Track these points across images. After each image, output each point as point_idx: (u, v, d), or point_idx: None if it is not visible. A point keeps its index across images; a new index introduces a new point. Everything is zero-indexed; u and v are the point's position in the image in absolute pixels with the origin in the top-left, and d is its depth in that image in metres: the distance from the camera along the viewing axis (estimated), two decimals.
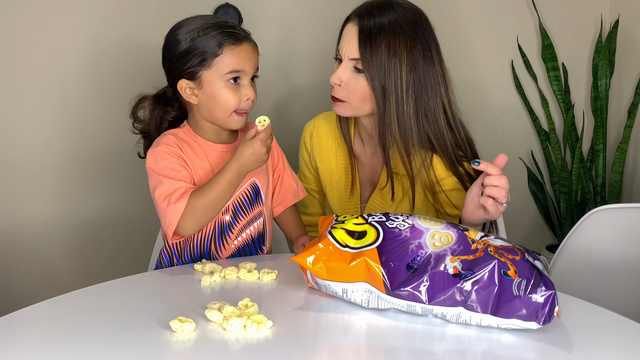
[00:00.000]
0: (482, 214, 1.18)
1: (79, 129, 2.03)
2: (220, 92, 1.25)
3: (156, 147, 1.26)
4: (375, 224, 1.00)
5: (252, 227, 1.34)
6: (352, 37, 1.29)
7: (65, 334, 0.89)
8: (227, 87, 1.25)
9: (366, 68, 1.28)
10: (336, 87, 1.33)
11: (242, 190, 1.30)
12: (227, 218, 1.30)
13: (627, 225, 1.31)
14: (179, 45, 1.25)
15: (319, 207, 1.57)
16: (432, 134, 1.32)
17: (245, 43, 1.26)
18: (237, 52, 1.24)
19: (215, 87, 1.25)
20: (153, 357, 0.83)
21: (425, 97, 1.31)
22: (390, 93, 1.28)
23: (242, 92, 1.26)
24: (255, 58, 1.28)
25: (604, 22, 2.31)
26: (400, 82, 1.28)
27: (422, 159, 1.33)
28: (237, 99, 1.25)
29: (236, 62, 1.24)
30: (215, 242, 1.30)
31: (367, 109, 1.33)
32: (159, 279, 1.16)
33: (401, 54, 1.27)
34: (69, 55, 1.97)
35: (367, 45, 1.27)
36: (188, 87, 1.26)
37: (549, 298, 0.89)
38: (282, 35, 2.13)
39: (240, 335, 0.89)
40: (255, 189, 1.33)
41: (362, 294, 0.96)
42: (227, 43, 1.24)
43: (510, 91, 2.35)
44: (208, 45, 1.24)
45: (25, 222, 2.03)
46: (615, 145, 2.28)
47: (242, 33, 1.28)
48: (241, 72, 1.25)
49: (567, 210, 2.27)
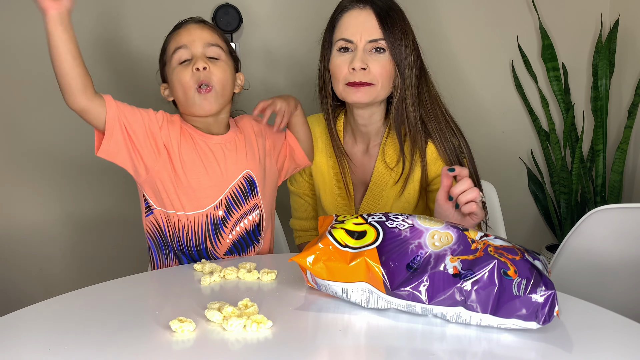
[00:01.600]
0: (470, 220, 1.20)
1: (78, 129, 2.03)
2: (175, 76, 1.27)
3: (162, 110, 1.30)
4: (375, 224, 1.00)
5: (247, 219, 1.32)
6: (367, 20, 1.32)
7: (65, 334, 0.89)
8: (178, 68, 1.27)
9: (390, 46, 1.32)
10: (360, 73, 1.32)
11: (235, 182, 1.29)
12: (220, 213, 1.28)
13: (627, 225, 1.31)
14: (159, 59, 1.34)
15: (311, 211, 1.57)
16: (431, 118, 1.36)
17: (185, 24, 1.30)
18: (178, 34, 1.29)
19: (172, 75, 1.28)
20: (153, 357, 0.83)
21: (426, 79, 1.38)
22: (406, 71, 1.34)
23: (193, 66, 1.26)
24: (197, 33, 1.29)
25: (604, 22, 2.31)
26: (412, 60, 1.35)
27: (421, 145, 1.37)
28: (189, 74, 1.25)
29: (176, 42, 1.28)
30: (210, 238, 1.29)
31: (387, 91, 1.36)
32: (159, 279, 1.16)
33: (409, 34, 1.35)
34: None
35: (388, 24, 1.32)
36: (165, 88, 1.32)
37: (548, 298, 0.89)
38: (283, 35, 2.13)
39: (240, 335, 0.89)
40: (249, 181, 1.31)
41: (362, 294, 0.96)
42: (173, 32, 1.30)
43: (510, 91, 2.35)
44: (164, 45, 1.32)
45: (24, 222, 2.03)
46: (615, 145, 2.28)
47: (192, 20, 1.32)
48: (182, 47, 1.27)
49: (567, 210, 2.27)
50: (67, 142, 2.03)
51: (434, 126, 1.37)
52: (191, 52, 1.27)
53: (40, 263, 2.06)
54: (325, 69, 1.39)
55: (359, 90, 1.33)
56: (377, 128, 1.42)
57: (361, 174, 1.46)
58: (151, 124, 1.24)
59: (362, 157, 1.46)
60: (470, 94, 2.30)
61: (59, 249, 2.07)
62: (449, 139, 1.37)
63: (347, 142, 1.47)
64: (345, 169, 1.45)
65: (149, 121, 1.24)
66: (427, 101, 1.37)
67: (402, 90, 1.34)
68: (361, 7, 1.33)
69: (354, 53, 1.33)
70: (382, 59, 1.32)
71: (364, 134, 1.44)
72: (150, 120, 1.25)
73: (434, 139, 1.37)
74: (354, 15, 1.33)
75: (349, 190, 1.45)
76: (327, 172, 1.47)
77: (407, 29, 1.35)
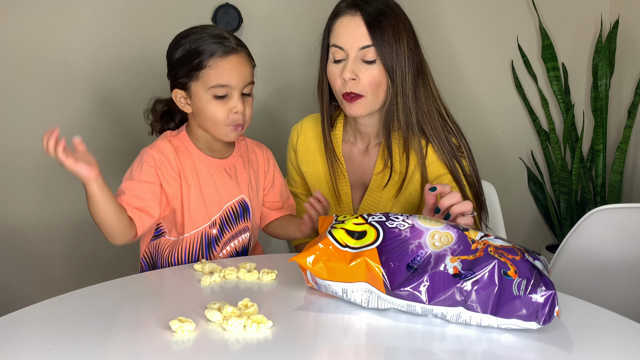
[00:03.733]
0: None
1: (78, 129, 2.03)
2: (207, 105, 1.22)
3: (148, 151, 1.26)
4: (375, 224, 1.00)
5: (237, 240, 1.35)
6: (357, 27, 1.29)
7: (65, 334, 0.89)
8: (214, 100, 1.22)
9: (379, 52, 1.29)
10: (350, 83, 1.31)
11: (230, 205, 1.31)
12: (214, 232, 1.30)
13: (627, 225, 1.31)
14: (173, 55, 1.25)
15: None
16: (428, 120, 1.35)
17: (233, 55, 1.22)
18: (223, 66, 1.21)
19: (202, 99, 1.23)
20: (153, 357, 0.83)
21: (424, 80, 1.35)
22: (398, 77, 1.31)
23: (230, 105, 1.22)
24: (244, 71, 1.23)
25: (604, 22, 2.31)
26: (407, 64, 1.31)
27: (418, 147, 1.35)
28: (225, 113, 1.22)
29: (220, 76, 1.21)
30: (202, 254, 1.31)
31: (380, 101, 1.34)
32: (159, 279, 1.16)
33: (403, 37, 1.31)
34: (69, 55, 1.97)
35: (377, 29, 1.28)
36: (182, 96, 1.26)
37: (549, 298, 0.89)
38: (283, 35, 2.13)
39: (240, 335, 0.89)
40: (243, 206, 1.33)
41: (362, 294, 0.96)
42: (214, 56, 1.20)
43: (510, 91, 2.35)
44: (196, 57, 1.21)
45: (24, 223, 2.03)
46: (615, 145, 2.28)
47: (232, 44, 1.23)
48: (227, 86, 1.21)
49: (567, 210, 2.27)
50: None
51: (430, 128, 1.35)
52: (231, 90, 1.22)
53: (40, 263, 2.06)
54: (323, 74, 1.38)
55: (354, 104, 1.32)
56: (376, 130, 1.42)
57: (361, 174, 1.46)
58: (160, 192, 1.25)
59: (362, 157, 1.45)
60: (470, 93, 2.30)
61: (59, 249, 2.07)
62: (446, 140, 1.36)
63: (347, 141, 1.47)
64: (338, 174, 1.44)
65: (158, 190, 1.24)
66: (423, 103, 1.35)
67: (393, 97, 1.32)
68: (351, 13, 1.31)
69: (345, 62, 1.31)
70: (372, 69, 1.30)
71: (361, 138, 1.44)
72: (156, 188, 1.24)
73: (430, 140, 1.36)
74: (344, 22, 1.31)
75: (339, 195, 1.45)
76: (324, 173, 1.47)
77: (401, 32, 1.30)
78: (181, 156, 1.28)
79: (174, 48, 1.26)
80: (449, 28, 2.25)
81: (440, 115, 1.37)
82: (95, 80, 2.01)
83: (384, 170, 1.40)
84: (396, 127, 1.36)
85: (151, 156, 1.25)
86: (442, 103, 1.39)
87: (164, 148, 1.27)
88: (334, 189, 1.44)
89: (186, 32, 1.26)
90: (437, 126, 1.36)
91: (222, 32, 1.24)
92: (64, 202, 2.05)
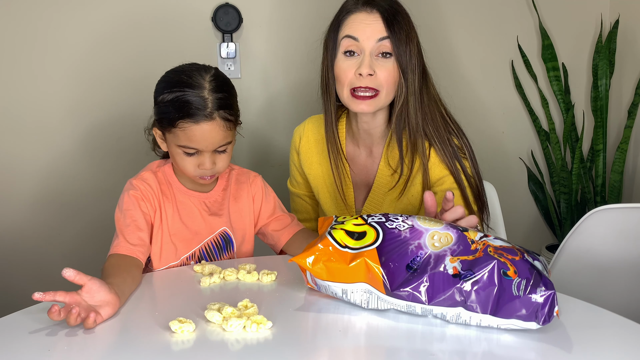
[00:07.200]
0: None
1: (79, 130, 2.03)
2: (177, 156, 1.22)
3: (132, 181, 1.26)
4: (375, 225, 1.00)
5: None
6: (374, 21, 1.29)
7: (65, 335, 0.89)
8: (183, 154, 1.21)
9: (395, 48, 1.29)
10: (367, 78, 1.29)
11: (211, 238, 1.30)
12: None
13: (627, 225, 1.31)
14: (157, 94, 1.23)
15: (312, 213, 1.56)
16: (430, 122, 1.35)
17: (205, 123, 1.16)
18: (193, 131, 1.17)
19: (172, 149, 1.22)
20: (152, 358, 0.83)
21: (426, 83, 1.36)
22: (410, 76, 1.31)
23: (199, 161, 1.21)
24: (215, 138, 1.18)
25: (604, 22, 2.31)
26: (416, 64, 1.32)
27: (422, 148, 1.36)
28: (193, 167, 1.21)
29: (189, 140, 1.18)
30: None
31: (391, 97, 1.34)
32: (159, 280, 1.16)
33: (413, 38, 1.32)
34: (69, 55, 1.97)
35: (394, 25, 1.29)
36: (159, 135, 1.25)
37: (548, 298, 0.89)
38: (283, 35, 2.13)
39: (239, 335, 0.89)
40: (225, 238, 1.32)
41: (361, 295, 0.96)
42: (186, 119, 1.17)
43: (510, 91, 2.35)
44: (170, 113, 1.18)
45: (25, 223, 2.03)
46: (615, 145, 2.28)
47: (208, 109, 1.17)
48: (195, 149, 1.19)
49: (567, 210, 2.27)
50: (67, 143, 2.03)
51: (432, 130, 1.35)
52: (201, 151, 1.20)
53: (40, 263, 2.06)
54: (328, 72, 1.36)
55: (362, 102, 1.31)
56: (381, 131, 1.41)
57: (364, 176, 1.45)
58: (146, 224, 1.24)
59: (365, 159, 1.45)
60: (470, 93, 2.30)
61: (59, 249, 2.07)
62: (447, 141, 1.36)
63: (350, 142, 1.46)
64: (342, 175, 1.43)
65: (143, 223, 1.23)
66: (426, 105, 1.35)
67: (405, 95, 1.32)
68: (368, 10, 1.30)
69: (361, 58, 1.29)
70: (388, 64, 1.29)
71: (365, 138, 1.43)
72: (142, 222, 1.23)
73: (432, 142, 1.35)
74: (360, 17, 1.30)
75: (344, 196, 1.44)
76: (328, 175, 1.46)
77: (413, 33, 1.32)
78: (164, 188, 1.28)
79: (159, 87, 1.23)
80: (449, 28, 2.25)
81: (441, 117, 1.37)
82: (94, 79, 2.01)
83: (390, 171, 1.40)
84: (406, 127, 1.36)
85: (136, 186, 1.25)
86: (442, 105, 1.39)
87: (147, 179, 1.27)
88: (338, 190, 1.44)
89: (173, 77, 1.22)
90: (439, 127, 1.35)
91: (204, 92, 1.17)
92: (64, 202, 2.05)
